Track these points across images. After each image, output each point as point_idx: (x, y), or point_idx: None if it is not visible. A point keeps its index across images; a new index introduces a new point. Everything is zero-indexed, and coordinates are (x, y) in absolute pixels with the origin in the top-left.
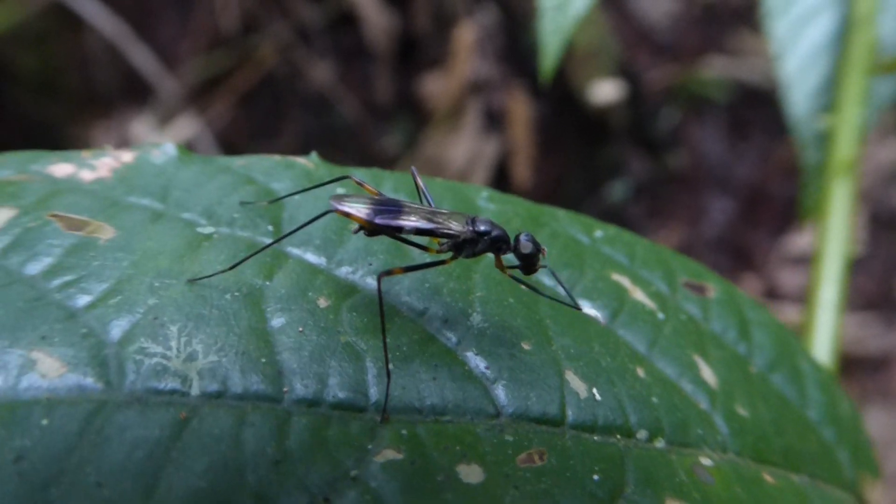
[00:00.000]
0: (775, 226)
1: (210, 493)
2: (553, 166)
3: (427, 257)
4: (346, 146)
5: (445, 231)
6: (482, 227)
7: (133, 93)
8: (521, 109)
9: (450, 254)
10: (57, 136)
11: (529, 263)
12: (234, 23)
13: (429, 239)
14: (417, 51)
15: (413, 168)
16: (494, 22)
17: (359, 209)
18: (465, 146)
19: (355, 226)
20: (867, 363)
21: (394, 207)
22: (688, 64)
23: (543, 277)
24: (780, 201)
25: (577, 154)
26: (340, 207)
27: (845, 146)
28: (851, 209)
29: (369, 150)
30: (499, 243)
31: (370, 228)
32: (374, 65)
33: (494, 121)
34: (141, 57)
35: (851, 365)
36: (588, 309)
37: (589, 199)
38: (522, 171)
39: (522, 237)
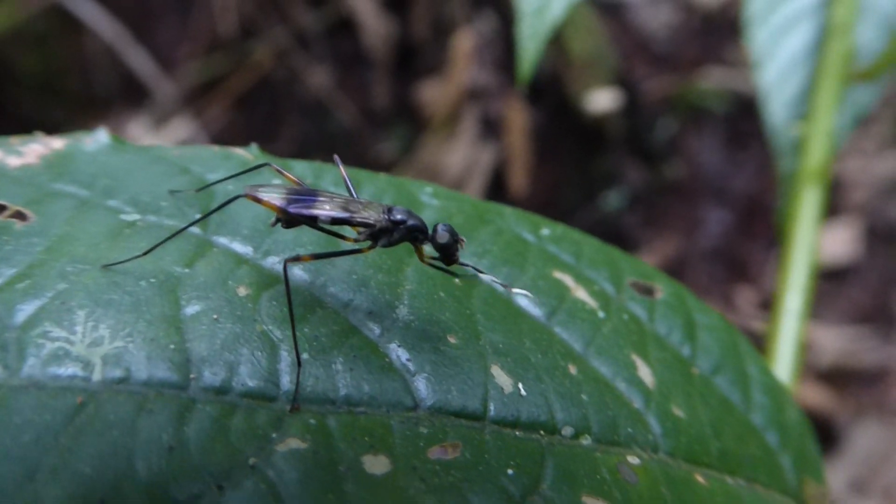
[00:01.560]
0: (771, 237)
1: (94, 478)
2: (549, 174)
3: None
4: (342, 152)
5: (360, 220)
6: (398, 216)
7: (131, 95)
8: (518, 117)
9: (368, 243)
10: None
11: (447, 254)
12: (233, 27)
13: (350, 229)
14: (416, 58)
15: (336, 157)
16: (493, 30)
17: (272, 197)
18: (462, 153)
19: (274, 217)
20: (863, 376)
21: (309, 197)
22: (686, 74)
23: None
24: (776, 213)
25: (573, 163)
26: (253, 194)
27: (817, 154)
28: (822, 217)
29: (366, 156)
30: (415, 233)
31: (285, 218)
32: (372, 71)
33: (491, 128)
34: (139, 59)
35: (847, 378)
36: (516, 290)
37: (584, 208)
38: (519, 178)
39: (440, 227)
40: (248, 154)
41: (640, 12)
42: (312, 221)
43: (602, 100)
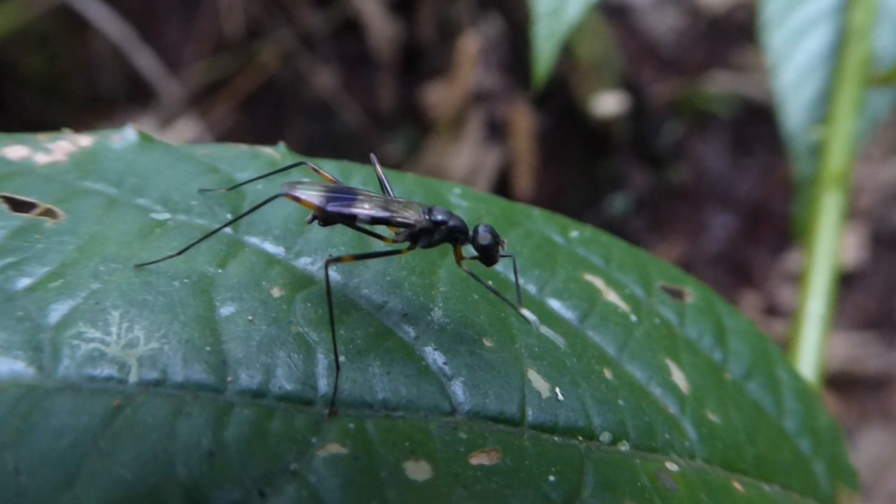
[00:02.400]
0: (776, 242)
1: (135, 483)
2: (555, 178)
3: (389, 249)
4: (348, 153)
5: (401, 220)
6: (439, 217)
7: (136, 96)
8: (523, 120)
9: (407, 244)
10: None
11: (488, 255)
12: (239, 28)
13: (387, 229)
14: (421, 60)
15: (372, 155)
16: (499, 32)
17: (311, 195)
18: (467, 156)
19: (310, 215)
20: (868, 382)
21: (348, 195)
22: (692, 78)
23: (511, 274)
24: (781, 218)
25: (578, 166)
26: (292, 192)
27: (837, 158)
28: (842, 222)
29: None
30: (456, 233)
31: (323, 216)
32: (378, 73)
33: (497, 131)
34: (145, 60)
35: (852, 384)
36: (525, 312)
37: (590, 212)
38: (524, 182)
39: (481, 228)
40: (276, 153)
41: (647, 16)
42: (351, 220)
43: (608, 103)
